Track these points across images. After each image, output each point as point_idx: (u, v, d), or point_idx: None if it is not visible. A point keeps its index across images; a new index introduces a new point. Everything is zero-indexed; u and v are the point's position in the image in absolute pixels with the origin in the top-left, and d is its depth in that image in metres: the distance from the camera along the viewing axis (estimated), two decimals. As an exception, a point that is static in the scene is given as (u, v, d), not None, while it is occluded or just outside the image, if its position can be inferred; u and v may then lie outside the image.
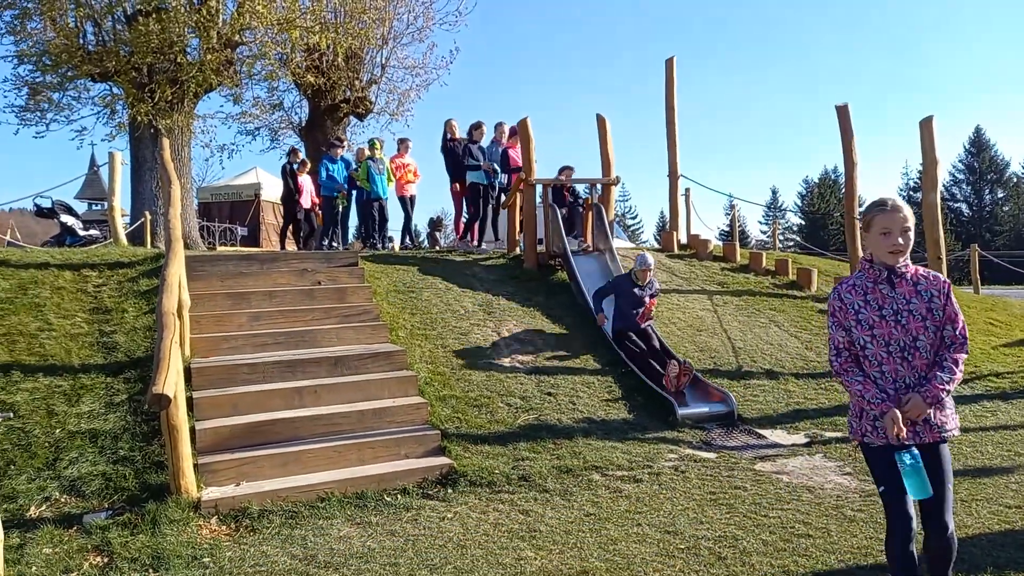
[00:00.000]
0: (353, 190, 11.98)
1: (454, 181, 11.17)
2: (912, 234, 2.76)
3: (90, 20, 11.93)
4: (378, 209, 11.57)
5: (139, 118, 11.71)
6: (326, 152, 12.36)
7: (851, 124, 9.50)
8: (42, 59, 11.94)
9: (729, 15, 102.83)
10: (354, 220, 12.80)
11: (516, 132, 10.72)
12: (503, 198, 10.80)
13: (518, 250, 9.99)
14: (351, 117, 16.69)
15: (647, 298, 7.44)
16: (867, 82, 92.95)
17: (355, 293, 7.56)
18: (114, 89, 12.53)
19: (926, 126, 8.69)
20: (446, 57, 17.50)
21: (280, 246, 14.01)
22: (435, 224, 22.38)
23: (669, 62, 11.04)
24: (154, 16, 11.26)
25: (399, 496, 4.76)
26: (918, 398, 2.68)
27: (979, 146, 53.34)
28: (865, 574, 3.57)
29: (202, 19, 11.42)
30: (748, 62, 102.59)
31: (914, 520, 2.72)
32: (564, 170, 10.06)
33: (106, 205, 10.70)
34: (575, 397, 6.39)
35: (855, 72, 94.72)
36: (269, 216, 21.49)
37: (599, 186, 9.99)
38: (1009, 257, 27.04)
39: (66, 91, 12.54)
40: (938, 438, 2.77)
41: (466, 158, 10.84)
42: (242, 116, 16.65)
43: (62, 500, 4.44)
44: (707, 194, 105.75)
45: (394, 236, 14.73)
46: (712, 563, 3.72)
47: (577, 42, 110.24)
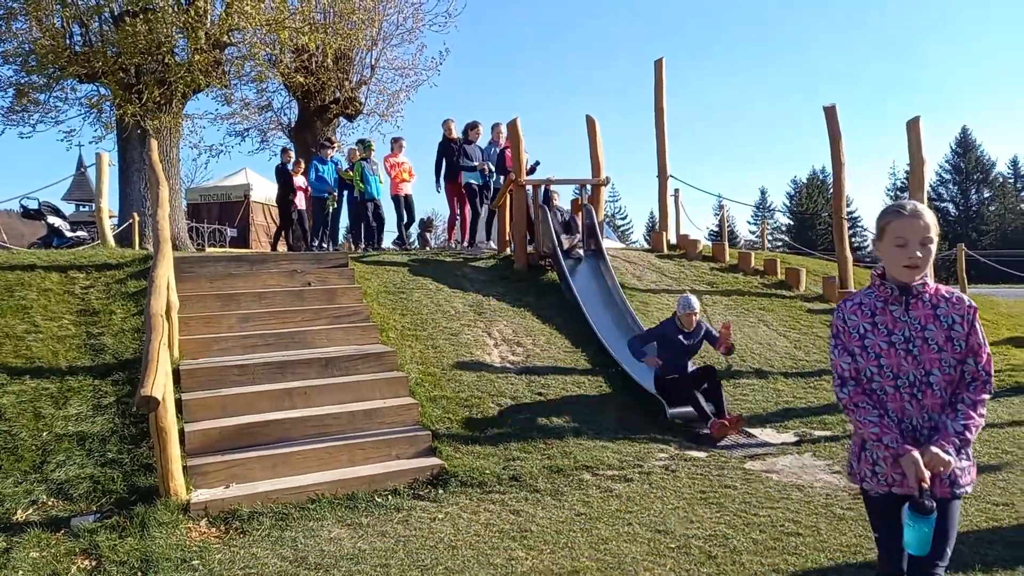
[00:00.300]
0: (345, 191, 11.96)
1: (448, 182, 11.12)
2: (934, 247, 2.30)
3: (77, 21, 11.84)
4: (373, 210, 11.48)
5: (127, 119, 11.64)
6: (316, 153, 12.34)
7: (839, 125, 9.57)
8: (28, 60, 11.85)
9: (719, 16, 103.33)
10: (344, 221, 12.80)
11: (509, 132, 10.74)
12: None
13: (508, 251, 9.99)
14: (341, 118, 16.67)
15: (699, 344, 6.64)
16: (854, 83, 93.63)
17: (345, 294, 7.55)
18: (101, 90, 12.45)
19: (913, 127, 8.76)
20: (436, 58, 17.56)
21: (272, 247, 13.94)
22: (425, 225, 22.35)
23: (658, 63, 11.07)
24: (141, 17, 11.19)
25: (390, 497, 4.75)
26: (938, 451, 2.22)
27: (965, 146, 53.86)
28: (854, 572, 3.60)
29: (190, 20, 11.35)
30: (736, 63, 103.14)
31: (904, 564, 2.41)
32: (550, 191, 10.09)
33: (94, 206, 10.62)
34: (565, 397, 6.40)
35: (843, 73, 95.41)
36: (259, 217, 21.42)
37: (589, 187, 10.01)
38: (995, 256, 27.27)
39: (53, 92, 12.46)
40: (948, 494, 2.33)
41: (461, 158, 10.77)
42: (231, 116, 16.61)
43: (49, 503, 4.40)
44: (696, 194, 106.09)
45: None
46: (703, 562, 3.73)
47: (568, 43, 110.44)
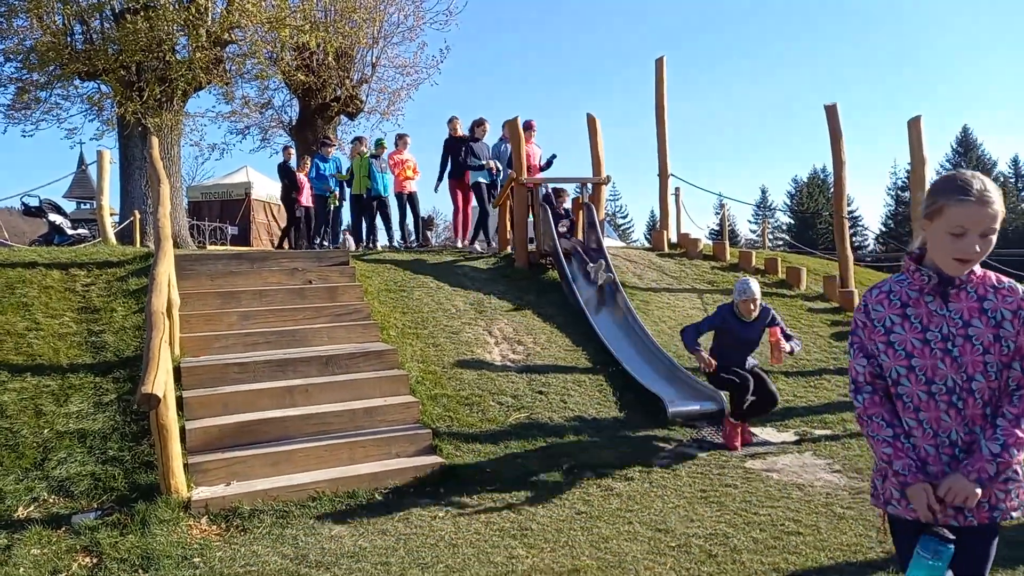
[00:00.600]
0: (347, 188, 11.95)
1: (452, 179, 11.04)
2: (995, 237, 1.89)
3: (78, 18, 11.85)
4: (379, 206, 11.46)
5: (128, 117, 11.65)
6: (317, 151, 12.34)
7: (840, 124, 9.55)
8: (29, 57, 11.86)
9: (721, 15, 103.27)
10: (340, 220, 12.79)
11: (528, 127, 10.57)
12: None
13: (509, 249, 9.99)
14: (342, 116, 16.66)
15: (759, 334, 6.04)
16: (856, 82, 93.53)
17: (346, 292, 7.55)
18: (102, 87, 12.47)
19: (914, 126, 8.75)
20: (436, 56, 17.50)
21: (278, 246, 13.94)
22: (426, 223, 22.36)
23: (659, 62, 11.06)
24: (142, 14, 11.20)
25: (390, 495, 4.76)
26: (961, 480, 1.86)
27: (966, 146, 53.79)
28: (855, 571, 3.60)
29: (191, 17, 11.36)
30: (738, 62, 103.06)
31: None
32: (556, 194, 9.75)
33: (95, 204, 10.62)
34: (566, 395, 6.40)
35: (844, 72, 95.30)
36: (260, 215, 21.43)
37: (589, 185, 10.00)
38: (995, 255, 27.27)
39: (54, 90, 12.47)
40: (986, 519, 1.93)
41: (468, 157, 10.70)
42: (232, 115, 16.60)
43: (50, 500, 4.41)
44: (697, 193, 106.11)
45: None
46: (703, 561, 3.74)
47: (569, 42, 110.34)
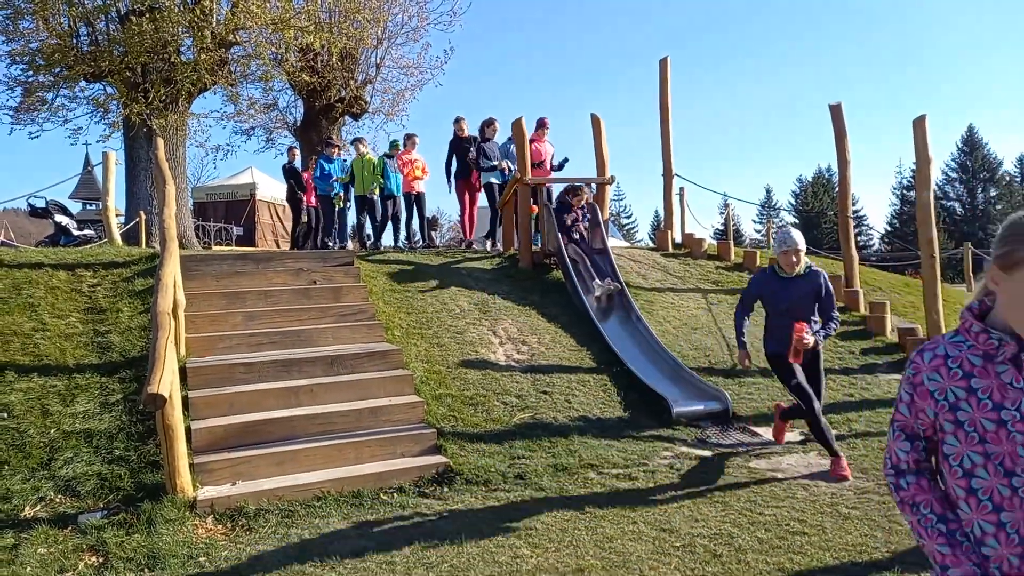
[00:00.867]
0: (351, 188, 11.96)
1: (459, 180, 11.03)
2: None
3: (83, 20, 11.90)
4: (393, 208, 11.44)
5: (133, 118, 11.69)
6: (322, 152, 12.35)
7: (844, 123, 9.53)
8: (35, 59, 11.91)
9: (725, 15, 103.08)
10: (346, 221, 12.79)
11: (541, 124, 10.55)
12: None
13: (513, 249, 9.99)
14: (346, 117, 16.68)
15: (809, 299, 5.12)
16: (861, 81, 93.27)
17: (351, 292, 7.56)
18: (108, 89, 12.51)
19: (919, 125, 8.72)
20: (441, 57, 17.52)
21: (291, 246, 13.96)
22: (431, 223, 22.37)
23: (663, 62, 11.05)
24: (147, 16, 11.24)
25: (395, 495, 4.77)
26: None
27: (972, 145, 53.57)
28: (860, 571, 3.59)
29: (196, 19, 11.39)
30: (742, 62, 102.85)
31: None
32: (573, 192, 9.35)
33: (101, 205, 10.67)
34: (570, 395, 6.40)
35: (849, 72, 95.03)
36: (265, 216, 21.49)
37: (594, 185, 10.00)
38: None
39: (60, 91, 12.52)
40: None
41: (480, 158, 10.65)
42: (237, 115, 16.65)
43: (57, 500, 4.43)
44: (702, 193, 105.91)
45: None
46: (708, 560, 3.74)
47: (573, 42, 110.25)
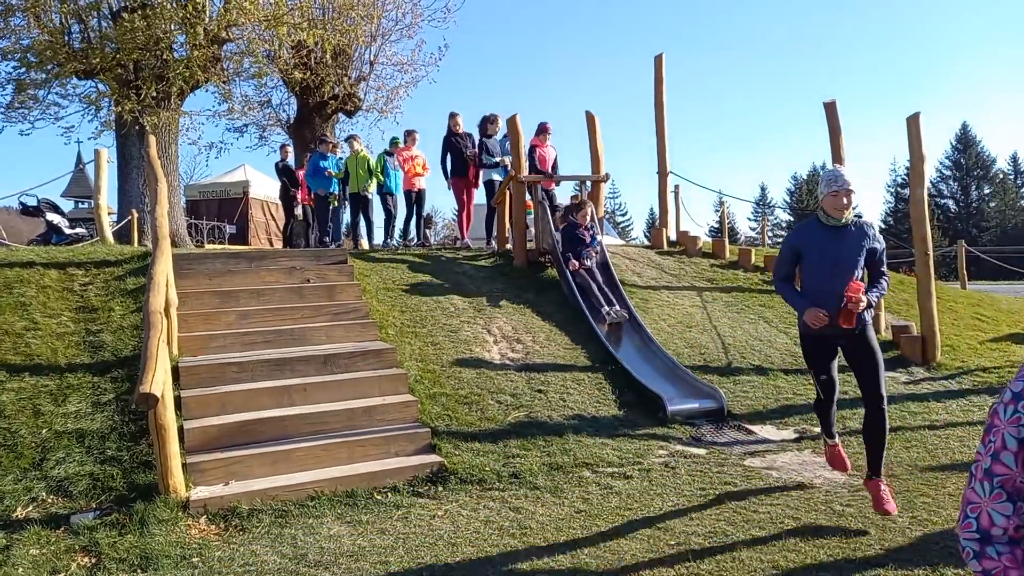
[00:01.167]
0: (346, 186, 11.93)
1: (455, 177, 10.97)
2: None
3: (75, 17, 11.82)
4: (393, 204, 11.44)
5: (125, 115, 11.63)
6: (316, 149, 12.31)
7: (839, 121, 9.53)
8: (26, 56, 11.83)
9: (720, 11, 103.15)
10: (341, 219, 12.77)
11: (543, 130, 10.35)
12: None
13: (508, 247, 9.97)
14: (340, 114, 16.63)
15: (857, 253, 3.98)
16: (855, 79, 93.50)
17: (344, 291, 7.53)
18: (100, 86, 12.44)
19: (913, 123, 8.73)
20: (435, 54, 17.46)
21: (283, 245, 13.93)
22: (426, 221, 22.34)
23: (658, 59, 11.04)
24: (139, 12, 11.17)
25: (389, 494, 4.75)
26: None
27: (966, 143, 53.75)
28: (854, 568, 3.60)
29: (188, 15, 11.33)
30: (737, 59, 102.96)
31: None
32: (576, 208, 8.74)
33: (92, 203, 10.60)
34: (565, 394, 6.40)
35: (844, 69, 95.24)
36: (258, 214, 21.43)
37: (588, 183, 9.98)
38: (995, 253, 27.23)
39: (51, 88, 12.44)
40: None
41: (482, 154, 10.59)
42: (229, 113, 16.57)
43: (49, 500, 4.40)
44: (697, 191, 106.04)
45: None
46: (702, 559, 3.73)
47: (568, 38, 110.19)
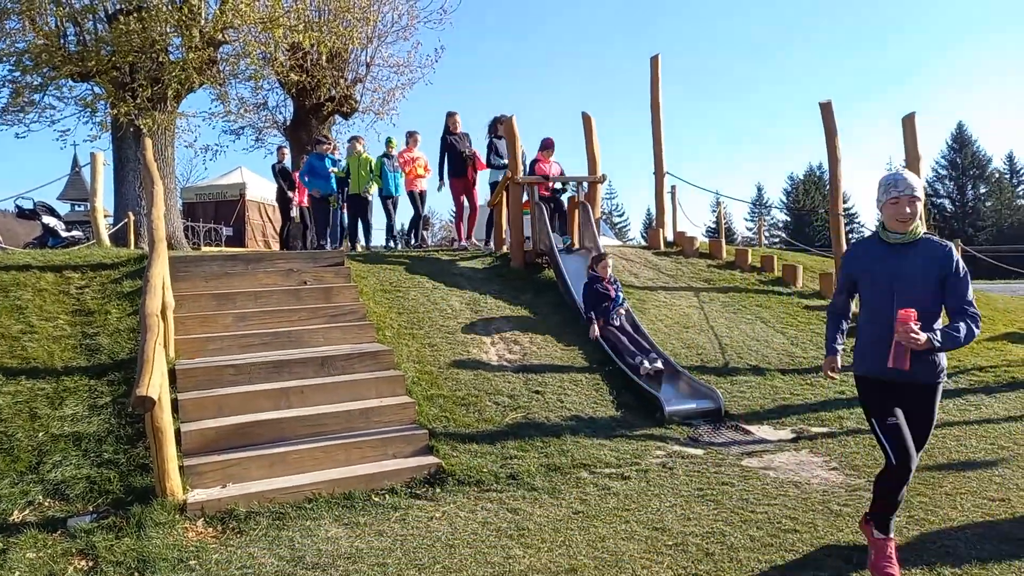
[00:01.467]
0: (346, 188, 11.92)
1: (453, 177, 10.94)
2: None
3: (70, 20, 11.81)
4: (393, 205, 11.47)
5: (121, 118, 11.61)
6: (313, 150, 12.29)
7: (835, 121, 9.55)
8: (22, 59, 11.81)
9: (716, 12, 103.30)
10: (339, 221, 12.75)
11: (547, 146, 10.13)
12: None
13: (505, 248, 9.98)
14: (336, 116, 16.63)
15: (920, 274, 3.35)
16: (851, 79, 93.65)
17: (341, 293, 7.53)
18: (96, 89, 12.41)
19: (909, 122, 8.76)
20: (431, 56, 17.49)
21: (280, 247, 13.91)
22: (424, 222, 22.34)
23: (654, 60, 11.06)
24: (135, 15, 11.16)
25: (387, 496, 4.75)
26: None
27: (961, 142, 53.87)
28: (851, 568, 3.60)
29: (184, 18, 11.31)
30: (733, 60, 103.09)
31: None
32: (598, 260, 7.83)
33: (89, 206, 10.59)
34: (563, 395, 6.40)
35: (840, 69, 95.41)
36: (254, 216, 21.41)
37: (585, 184, 9.99)
38: (992, 252, 27.32)
39: (47, 91, 12.42)
40: None
41: (491, 155, 10.56)
42: (226, 115, 16.55)
43: (46, 504, 4.39)
44: (693, 191, 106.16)
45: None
46: (700, 559, 3.74)
47: (565, 39, 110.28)
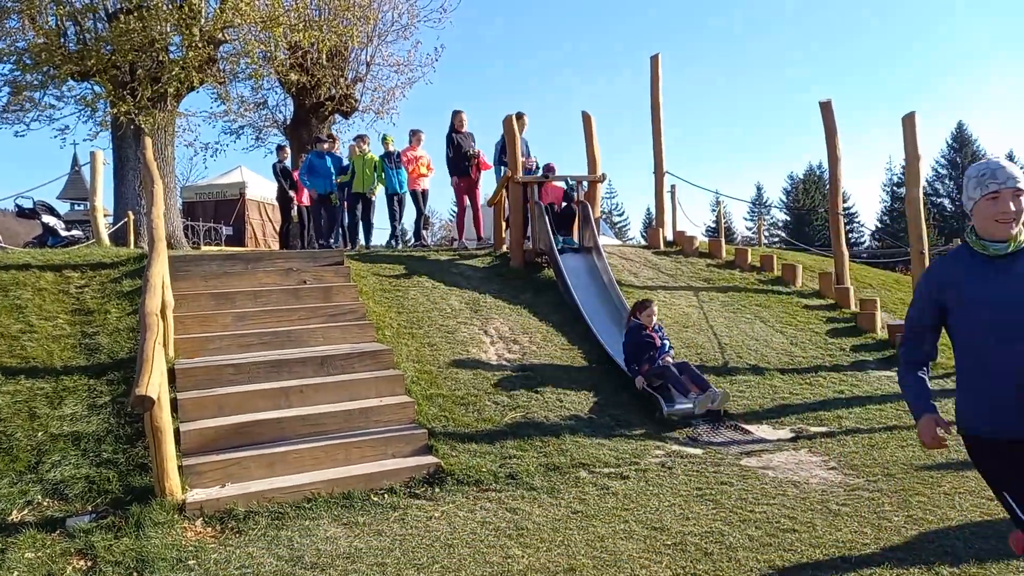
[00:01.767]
0: (346, 188, 11.91)
1: (457, 176, 10.94)
2: None
3: (70, 19, 11.80)
4: (399, 203, 11.44)
5: (121, 117, 11.61)
6: (314, 148, 12.27)
7: (835, 120, 9.57)
8: (22, 58, 11.81)
9: (715, 11, 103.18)
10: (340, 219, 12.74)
11: (549, 169, 10.19)
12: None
13: (504, 248, 9.98)
14: (336, 115, 16.62)
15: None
16: (850, 78, 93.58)
17: (341, 292, 7.53)
18: (95, 88, 12.40)
19: (909, 122, 8.76)
20: (431, 55, 17.47)
21: (280, 246, 13.89)
22: (424, 222, 22.32)
23: (654, 59, 11.05)
24: (135, 14, 11.15)
25: (386, 496, 4.75)
26: None
27: (961, 142, 53.83)
28: (849, 567, 3.60)
29: (184, 16, 11.30)
30: (733, 59, 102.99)
31: None
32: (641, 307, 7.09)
33: (88, 205, 10.60)
34: (562, 395, 6.40)
35: (839, 68, 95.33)
36: (254, 215, 21.41)
37: (585, 183, 9.99)
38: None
39: (47, 90, 12.41)
40: None
41: (502, 154, 10.49)
42: (226, 113, 16.55)
43: (45, 504, 4.40)
44: (693, 191, 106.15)
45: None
46: (699, 559, 3.74)
47: (564, 39, 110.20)
